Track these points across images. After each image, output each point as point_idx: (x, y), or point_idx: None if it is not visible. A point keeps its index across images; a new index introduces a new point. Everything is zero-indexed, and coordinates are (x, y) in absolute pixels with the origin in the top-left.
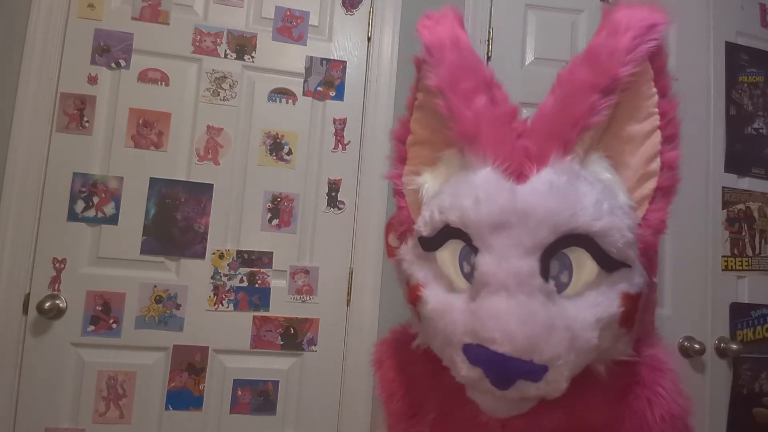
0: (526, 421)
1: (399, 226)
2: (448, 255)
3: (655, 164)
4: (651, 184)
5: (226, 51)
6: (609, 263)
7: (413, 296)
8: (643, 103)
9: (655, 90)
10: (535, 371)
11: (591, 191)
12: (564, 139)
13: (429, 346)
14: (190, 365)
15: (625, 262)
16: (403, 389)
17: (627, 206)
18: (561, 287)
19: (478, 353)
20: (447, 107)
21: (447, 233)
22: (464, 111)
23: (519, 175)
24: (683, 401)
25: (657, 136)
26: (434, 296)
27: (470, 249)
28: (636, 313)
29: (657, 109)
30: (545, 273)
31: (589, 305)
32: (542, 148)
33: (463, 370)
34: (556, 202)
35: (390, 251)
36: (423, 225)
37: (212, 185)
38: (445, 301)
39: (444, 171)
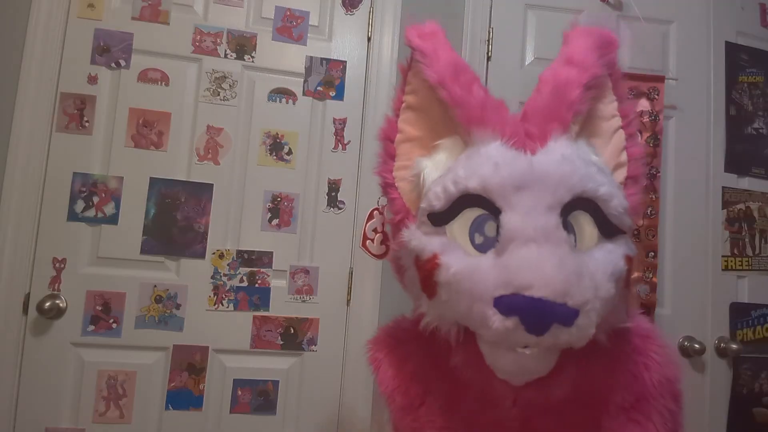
0: (536, 393)
1: (395, 215)
2: (458, 228)
3: (623, 156)
4: (623, 172)
5: (226, 51)
6: (608, 229)
7: (431, 266)
8: (608, 106)
9: (614, 96)
10: (569, 314)
11: (590, 164)
12: (561, 120)
13: (439, 324)
14: (190, 365)
15: (621, 229)
16: (405, 384)
17: (617, 183)
18: None
19: (513, 301)
20: (451, 97)
21: (463, 202)
22: (468, 98)
23: (524, 149)
24: (675, 366)
25: (621, 134)
26: (456, 260)
27: (485, 218)
28: (630, 276)
29: (618, 112)
30: (566, 228)
31: (603, 259)
32: (542, 128)
33: (497, 322)
34: (568, 167)
35: (364, 239)
36: (435, 199)
37: (212, 185)
38: (469, 263)
39: (445, 156)
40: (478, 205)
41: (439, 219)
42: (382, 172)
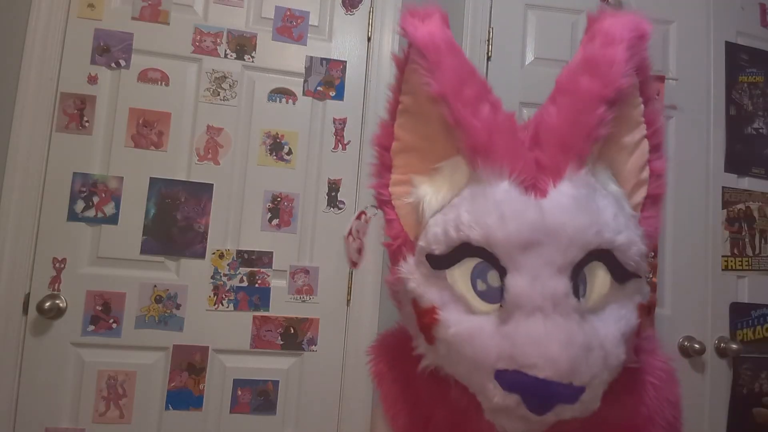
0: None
1: (393, 239)
2: (459, 273)
3: (646, 172)
4: (642, 192)
5: (226, 51)
6: (623, 275)
7: (429, 320)
8: (632, 113)
9: (641, 99)
10: (574, 394)
11: (608, 205)
12: (578, 152)
13: (438, 368)
14: (190, 365)
15: (637, 273)
16: (409, 406)
17: (633, 216)
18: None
19: (515, 379)
20: (453, 116)
21: (464, 251)
22: (473, 121)
23: (535, 188)
24: (677, 384)
25: (645, 145)
26: (456, 319)
27: (485, 266)
28: (642, 325)
29: (643, 118)
30: (576, 292)
31: (615, 320)
32: (556, 160)
33: (497, 396)
34: (583, 218)
35: (348, 234)
36: (434, 242)
37: (212, 185)
38: (470, 325)
39: (447, 183)
40: (480, 256)
41: (439, 263)
42: (378, 187)
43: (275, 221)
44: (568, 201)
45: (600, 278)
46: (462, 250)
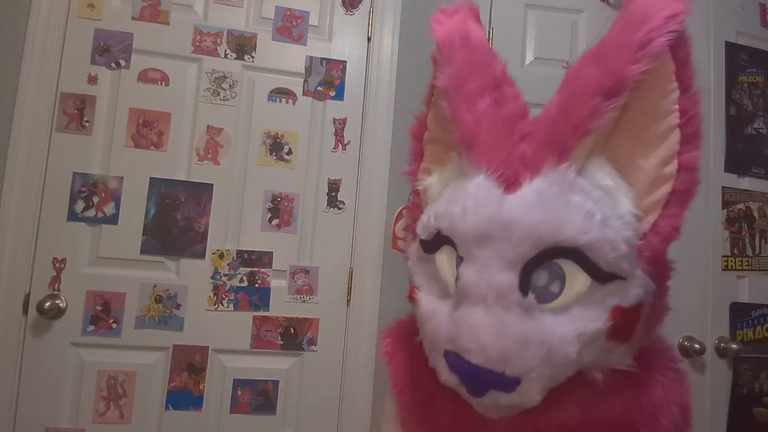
0: (541, 413)
1: (412, 222)
2: (446, 258)
3: (672, 167)
4: (666, 188)
5: (226, 51)
6: (600, 275)
7: (410, 297)
8: (660, 101)
9: (676, 85)
10: (506, 383)
11: (584, 202)
12: (562, 146)
13: None
14: (190, 365)
15: (618, 275)
16: (415, 382)
17: (629, 215)
18: (551, 297)
19: (455, 362)
20: (450, 110)
21: (440, 239)
22: (465, 114)
23: (514, 182)
24: (687, 384)
25: (675, 136)
26: (426, 300)
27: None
28: (633, 325)
29: (677, 106)
30: (525, 287)
31: (571, 320)
32: (538, 154)
33: (444, 374)
34: (541, 215)
35: (395, 241)
36: (421, 228)
37: (212, 185)
38: (433, 307)
39: (448, 174)
40: (450, 244)
41: (427, 247)
42: (408, 173)
43: (275, 221)
44: (531, 197)
45: (579, 278)
46: (438, 239)
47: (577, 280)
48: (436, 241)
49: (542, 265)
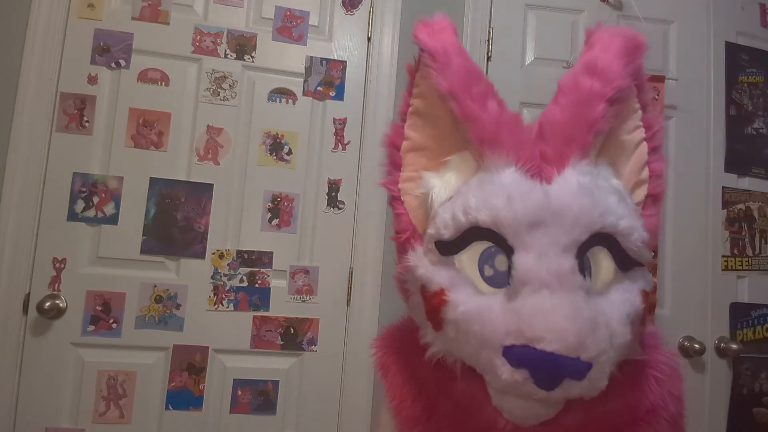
0: (544, 429)
1: (400, 233)
2: (467, 259)
3: (646, 172)
4: (643, 191)
5: (226, 51)
6: (626, 262)
7: (437, 301)
8: (631, 116)
9: (638, 105)
10: (581, 369)
11: (611, 192)
12: (582, 143)
13: (446, 356)
14: (190, 365)
15: (639, 261)
16: (413, 394)
17: (635, 209)
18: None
19: (523, 354)
20: (461, 110)
21: (473, 234)
22: (481, 114)
23: (540, 177)
24: (680, 379)
25: (644, 147)
26: (464, 299)
27: (494, 251)
28: (651, 311)
29: (641, 123)
30: (582, 270)
31: (620, 302)
32: (561, 151)
33: (505, 373)
34: (587, 201)
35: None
36: (443, 227)
37: (212, 185)
38: (478, 303)
39: (454, 175)
40: (488, 238)
41: (447, 248)
42: (388, 184)
43: (275, 221)
44: (572, 185)
45: (605, 265)
46: (470, 234)
47: (603, 268)
48: (464, 238)
49: (589, 249)
